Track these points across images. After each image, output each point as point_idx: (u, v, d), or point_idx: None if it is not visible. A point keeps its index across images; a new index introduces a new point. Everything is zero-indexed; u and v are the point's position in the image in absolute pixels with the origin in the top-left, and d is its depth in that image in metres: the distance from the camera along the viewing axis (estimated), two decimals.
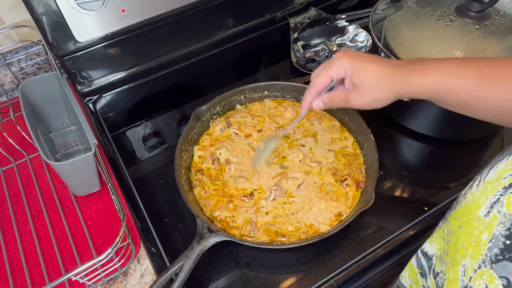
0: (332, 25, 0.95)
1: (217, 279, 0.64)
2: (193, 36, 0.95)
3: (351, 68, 0.55)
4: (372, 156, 0.70)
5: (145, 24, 0.84)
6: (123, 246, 0.63)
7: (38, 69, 0.93)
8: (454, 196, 0.70)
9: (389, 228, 0.67)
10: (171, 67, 0.96)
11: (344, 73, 0.56)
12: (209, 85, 0.94)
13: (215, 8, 0.91)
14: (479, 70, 0.48)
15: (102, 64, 0.88)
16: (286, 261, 0.65)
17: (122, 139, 0.85)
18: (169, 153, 0.80)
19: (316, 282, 0.62)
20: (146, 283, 0.64)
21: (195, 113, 0.78)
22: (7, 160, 0.79)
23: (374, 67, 0.54)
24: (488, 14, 0.71)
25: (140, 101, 0.93)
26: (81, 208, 0.72)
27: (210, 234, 0.62)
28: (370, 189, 0.65)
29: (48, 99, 0.79)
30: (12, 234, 0.69)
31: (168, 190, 0.74)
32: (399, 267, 0.61)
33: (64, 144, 0.80)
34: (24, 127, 0.69)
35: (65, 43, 0.79)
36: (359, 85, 0.55)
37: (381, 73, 0.53)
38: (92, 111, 0.90)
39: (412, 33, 0.73)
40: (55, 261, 0.65)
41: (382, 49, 0.74)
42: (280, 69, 0.97)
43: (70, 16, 0.75)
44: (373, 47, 0.92)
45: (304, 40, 0.95)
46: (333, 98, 0.59)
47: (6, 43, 0.88)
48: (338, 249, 0.65)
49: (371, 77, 0.54)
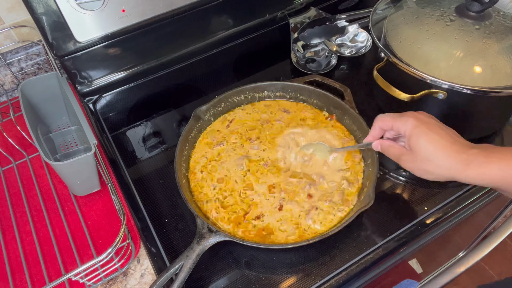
0: (332, 25, 0.95)
1: (217, 279, 0.64)
2: (193, 36, 0.95)
3: (412, 132, 0.54)
4: (372, 156, 0.70)
5: (145, 24, 0.84)
6: (123, 246, 0.63)
7: (38, 69, 0.93)
8: (454, 196, 0.70)
9: (389, 228, 0.67)
10: (171, 67, 0.96)
11: (404, 133, 0.56)
12: (209, 85, 0.94)
13: (215, 8, 0.91)
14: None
15: (102, 64, 0.88)
16: (286, 261, 0.65)
17: (122, 139, 0.85)
18: (169, 153, 0.80)
19: (316, 282, 0.62)
20: (146, 283, 0.64)
21: (195, 113, 0.78)
22: (7, 160, 0.79)
23: (436, 138, 0.52)
24: (488, 14, 0.71)
25: (140, 101, 0.93)
26: (81, 208, 0.72)
27: (210, 234, 0.62)
28: (370, 189, 0.65)
29: (48, 99, 0.79)
30: (12, 234, 0.69)
31: (168, 190, 0.74)
32: (398, 267, 0.61)
33: (64, 144, 0.80)
34: (24, 127, 0.69)
35: (65, 43, 0.79)
36: (414, 150, 0.54)
37: (440, 146, 0.52)
38: (92, 111, 0.90)
39: (412, 33, 0.73)
40: (55, 261, 0.65)
41: (382, 49, 0.74)
42: (280, 69, 0.97)
43: (70, 16, 0.75)
44: (373, 47, 0.92)
45: (304, 40, 0.95)
46: (390, 149, 0.59)
47: (6, 43, 0.88)
48: (338, 249, 0.65)
49: (429, 147, 0.52)
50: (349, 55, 0.94)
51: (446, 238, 1.02)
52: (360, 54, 0.93)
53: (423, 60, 0.70)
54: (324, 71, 0.92)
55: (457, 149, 0.51)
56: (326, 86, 0.82)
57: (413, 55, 0.70)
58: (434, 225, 0.68)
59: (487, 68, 0.67)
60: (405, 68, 0.70)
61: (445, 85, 0.66)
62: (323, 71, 0.92)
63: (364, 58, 0.94)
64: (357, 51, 0.94)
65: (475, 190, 0.71)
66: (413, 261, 1.07)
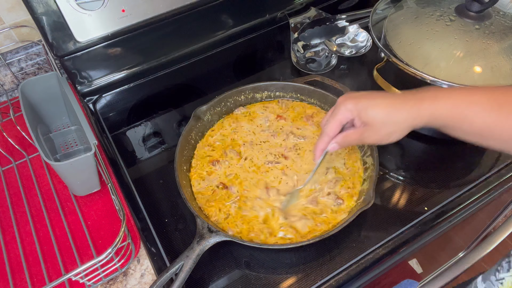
0: (332, 25, 0.95)
1: (217, 279, 0.64)
2: (193, 36, 0.95)
3: (357, 108, 0.55)
4: (372, 156, 0.70)
5: (145, 24, 0.84)
6: (123, 246, 0.63)
7: (38, 69, 0.93)
8: (454, 196, 0.70)
9: (389, 228, 0.67)
10: (171, 67, 0.96)
11: (351, 115, 0.56)
12: (209, 85, 0.94)
13: (215, 8, 0.91)
14: (493, 96, 0.48)
15: (102, 64, 0.88)
16: (286, 261, 0.65)
17: (122, 139, 0.85)
18: (169, 153, 0.80)
19: (316, 282, 0.62)
20: (146, 283, 0.64)
21: (195, 113, 0.78)
22: (7, 160, 0.79)
23: (380, 101, 0.54)
24: (488, 14, 0.71)
25: (140, 101, 0.93)
26: (81, 208, 0.72)
27: (210, 234, 0.62)
28: (370, 189, 0.65)
29: (48, 99, 0.79)
30: (12, 234, 0.69)
31: (168, 190, 0.74)
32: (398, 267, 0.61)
33: (64, 144, 0.80)
34: (24, 127, 0.69)
35: (65, 43, 0.79)
36: (369, 123, 0.55)
37: (388, 106, 0.53)
38: (92, 111, 0.90)
39: (412, 33, 0.73)
40: (55, 261, 0.65)
41: (382, 49, 0.74)
42: (280, 69, 0.97)
43: (70, 16, 0.75)
44: (373, 47, 0.93)
45: (304, 40, 0.95)
46: (347, 138, 0.59)
47: (6, 43, 0.88)
48: (338, 249, 0.65)
49: (379, 113, 0.54)
50: (349, 55, 0.94)
51: (446, 238, 1.02)
52: (360, 54, 0.93)
53: (423, 60, 0.70)
54: (324, 71, 0.92)
55: (402, 100, 0.53)
56: (326, 86, 0.82)
57: (413, 55, 0.70)
58: (434, 225, 0.68)
59: (487, 68, 0.67)
60: (405, 68, 0.70)
61: (445, 85, 0.66)
62: (323, 71, 0.92)
63: (364, 58, 0.94)
64: (357, 51, 0.94)
65: (475, 190, 0.71)
66: (413, 261, 1.07)
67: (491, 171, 0.74)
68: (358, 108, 0.55)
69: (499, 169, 0.74)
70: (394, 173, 0.75)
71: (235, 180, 0.72)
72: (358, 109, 0.55)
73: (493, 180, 0.72)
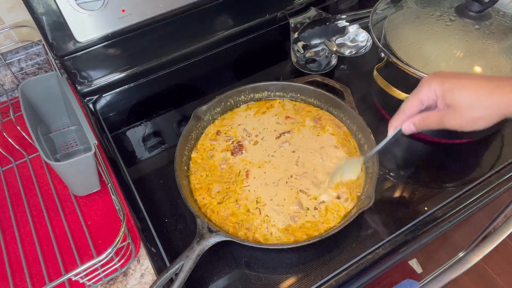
0: (332, 25, 0.95)
1: (217, 279, 0.64)
2: (193, 36, 0.95)
3: (443, 88, 0.50)
4: (372, 156, 0.70)
5: (145, 24, 0.84)
6: (123, 246, 0.63)
7: (38, 69, 0.93)
8: (454, 196, 0.70)
9: (389, 228, 0.67)
10: (171, 67, 0.96)
11: (435, 95, 0.52)
12: (209, 85, 0.94)
13: (215, 8, 0.91)
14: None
15: (102, 64, 0.88)
16: (286, 261, 0.65)
17: (122, 139, 0.85)
18: (169, 153, 0.80)
19: (316, 282, 0.62)
20: (146, 283, 0.64)
21: (195, 113, 0.78)
22: (7, 160, 0.79)
23: (469, 83, 0.49)
24: (488, 14, 0.71)
25: (140, 101, 0.93)
26: (81, 208, 0.72)
27: (210, 234, 0.62)
28: (370, 189, 0.65)
29: (48, 99, 0.79)
30: (12, 234, 0.69)
31: (168, 190, 0.74)
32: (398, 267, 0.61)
33: (64, 144, 0.80)
34: (24, 127, 0.69)
35: (65, 43, 0.79)
36: (454, 105, 0.50)
37: (479, 88, 0.48)
38: (92, 111, 0.90)
39: (412, 33, 0.73)
40: (55, 261, 0.65)
41: (382, 49, 0.74)
42: (280, 69, 0.97)
43: (70, 16, 0.75)
44: (373, 47, 0.93)
45: (304, 40, 0.95)
46: (426, 120, 0.54)
47: (6, 43, 0.88)
48: (338, 249, 0.65)
49: (467, 95, 0.49)
50: (349, 55, 0.94)
51: (446, 238, 1.02)
52: (360, 54, 0.93)
53: (423, 60, 0.70)
54: (324, 71, 0.92)
55: (497, 84, 0.48)
56: (326, 86, 0.82)
57: (413, 55, 0.70)
58: (434, 225, 0.68)
59: (487, 68, 0.67)
60: (405, 68, 0.70)
61: None
62: (323, 71, 0.92)
63: (364, 58, 0.94)
64: (357, 51, 0.94)
65: (475, 190, 0.71)
66: (413, 261, 1.07)
67: (491, 171, 0.74)
68: (444, 88, 0.50)
69: (499, 169, 0.74)
70: (394, 173, 0.75)
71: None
72: (443, 89, 0.50)
73: (493, 180, 0.72)
